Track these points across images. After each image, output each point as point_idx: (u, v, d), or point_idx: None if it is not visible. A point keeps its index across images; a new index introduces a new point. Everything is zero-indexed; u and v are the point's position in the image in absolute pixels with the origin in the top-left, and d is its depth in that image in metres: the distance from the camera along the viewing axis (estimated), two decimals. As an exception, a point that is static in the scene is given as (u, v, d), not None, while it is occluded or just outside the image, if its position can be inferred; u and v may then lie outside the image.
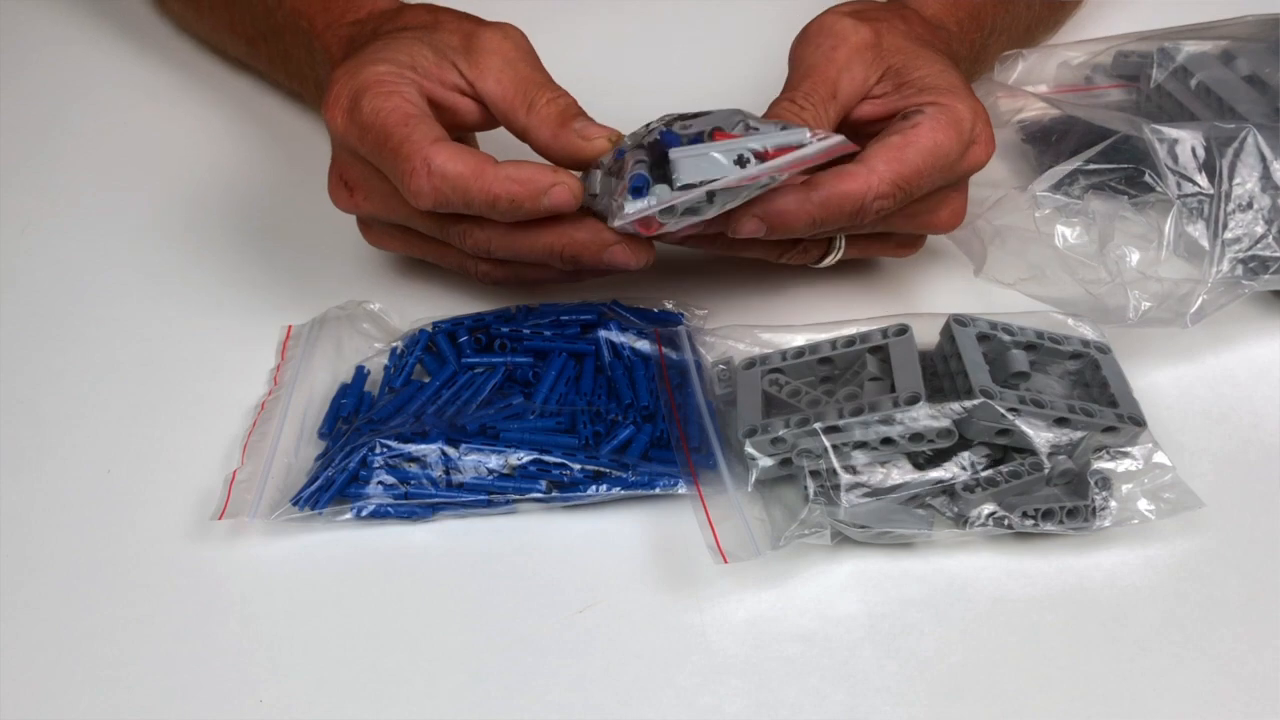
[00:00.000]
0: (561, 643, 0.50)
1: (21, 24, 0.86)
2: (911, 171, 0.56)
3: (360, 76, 0.57)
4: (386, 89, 0.56)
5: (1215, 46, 0.70)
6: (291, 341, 0.62)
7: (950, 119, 0.57)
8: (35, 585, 0.53)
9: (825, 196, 0.55)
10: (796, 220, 0.55)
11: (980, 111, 0.58)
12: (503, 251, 0.57)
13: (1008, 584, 0.52)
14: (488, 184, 0.54)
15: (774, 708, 0.48)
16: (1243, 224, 0.61)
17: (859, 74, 0.59)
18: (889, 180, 0.55)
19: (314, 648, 0.50)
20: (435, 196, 0.54)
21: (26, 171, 0.75)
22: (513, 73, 0.58)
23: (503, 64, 0.58)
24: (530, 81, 0.58)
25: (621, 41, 0.83)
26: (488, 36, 0.59)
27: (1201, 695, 0.48)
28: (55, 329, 0.64)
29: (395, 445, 0.54)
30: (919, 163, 0.56)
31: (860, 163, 0.55)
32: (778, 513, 0.54)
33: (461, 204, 0.54)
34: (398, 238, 0.61)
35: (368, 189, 0.58)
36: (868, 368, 0.56)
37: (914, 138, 0.56)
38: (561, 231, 0.55)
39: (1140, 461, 0.54)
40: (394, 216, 0.59)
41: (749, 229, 0.55)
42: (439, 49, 0.58)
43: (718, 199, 0.53)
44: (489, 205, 0.54)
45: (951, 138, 0.56)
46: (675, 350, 0.59)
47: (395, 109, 0.55)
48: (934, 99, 0.57)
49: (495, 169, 0.54)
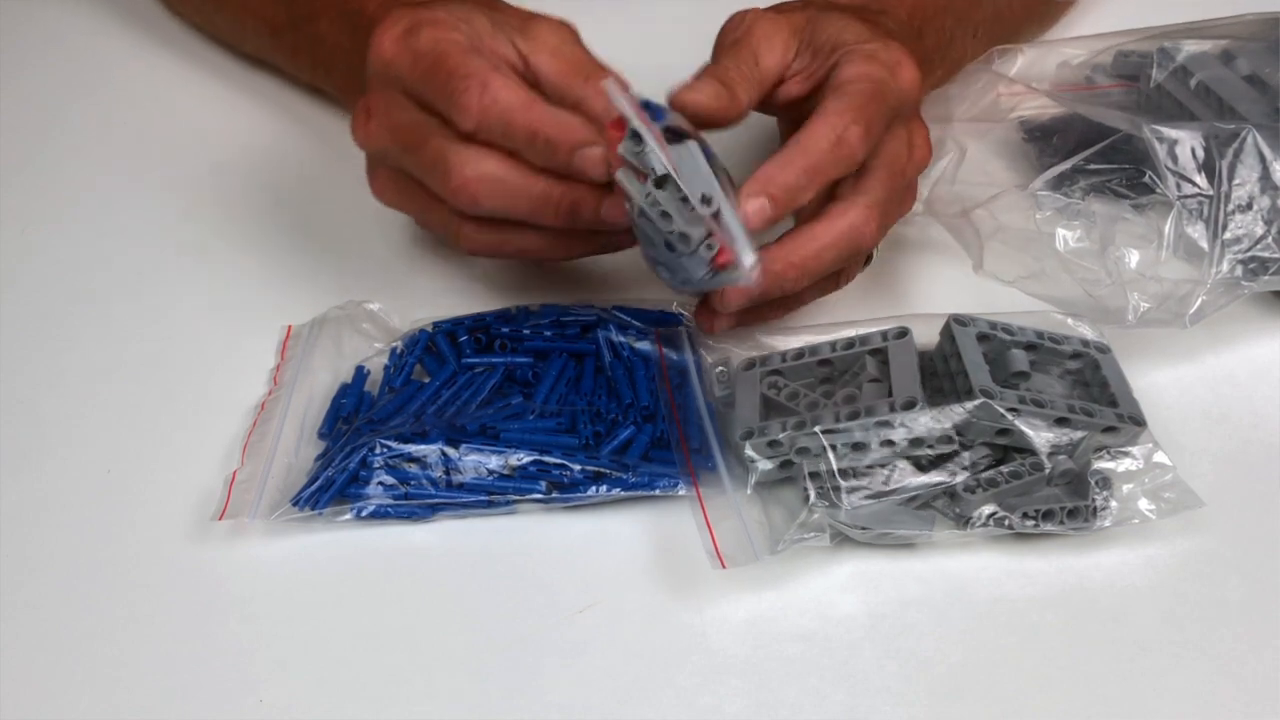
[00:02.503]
0: (561, 643, 0.50)
1: (21, 23, 0.86)
2: (860, 99, 0.56)
3: (421, 13, 0.57)
4: (449, 27, 0.57)
5: (1215, 46, 0.70)
6: (291, 341, 0.62)
7: (862, 55, 0.57)
8: (35, 585, 0.53)
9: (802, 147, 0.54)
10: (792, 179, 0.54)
11: (891, 44, 0.58)
12: (493, 198, 0.55)
13: (1008, 584, 0.52)
14: (534, 116, 0.54)
15: (774, 708, 0.48)
16: (1242, 225, 0.61)
17: (777, 46, 0.59)
18: (847, 112, 0.55)
19: (314, 648, 0.50)
20: (481, 116, 0.54)
21: (27, 171, 0.75)
22: (569, 50, 0.59)
23: (559, 41, 0.59)
24: (587, 60, 0.59)
25: (622, 41, 0.83)
26: (543, 21, 0.60)
27: (1201, 695, 0.48)
28: (55, 329, 0.64)
29: (395, 445, 0.54)
30: (860, 90, 0.56)
31: (813, 115, 0.55)
32: (777, 515, 0.53)
33: (501, 131, 0.54)
34: (396, 185, 0.60)
35: (384, 117, 0.58)
36: (867, 369, 0.56)
37: (840, 79, 0.57)
38: (559, 179, 0.55)
39: (1140, 461, 0.54)
40: (397, 146, 0.58)
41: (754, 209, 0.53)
42: (497, 23, 0.59)
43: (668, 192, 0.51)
44: (528, 139, 0.54)
45: (873, 67, 0.57)
46: (675, 351, 0.59)
47: (456, 42, 0.56)
48: (843, 51, 0.58)
49: (544, 107, 0.54)
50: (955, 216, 0.65)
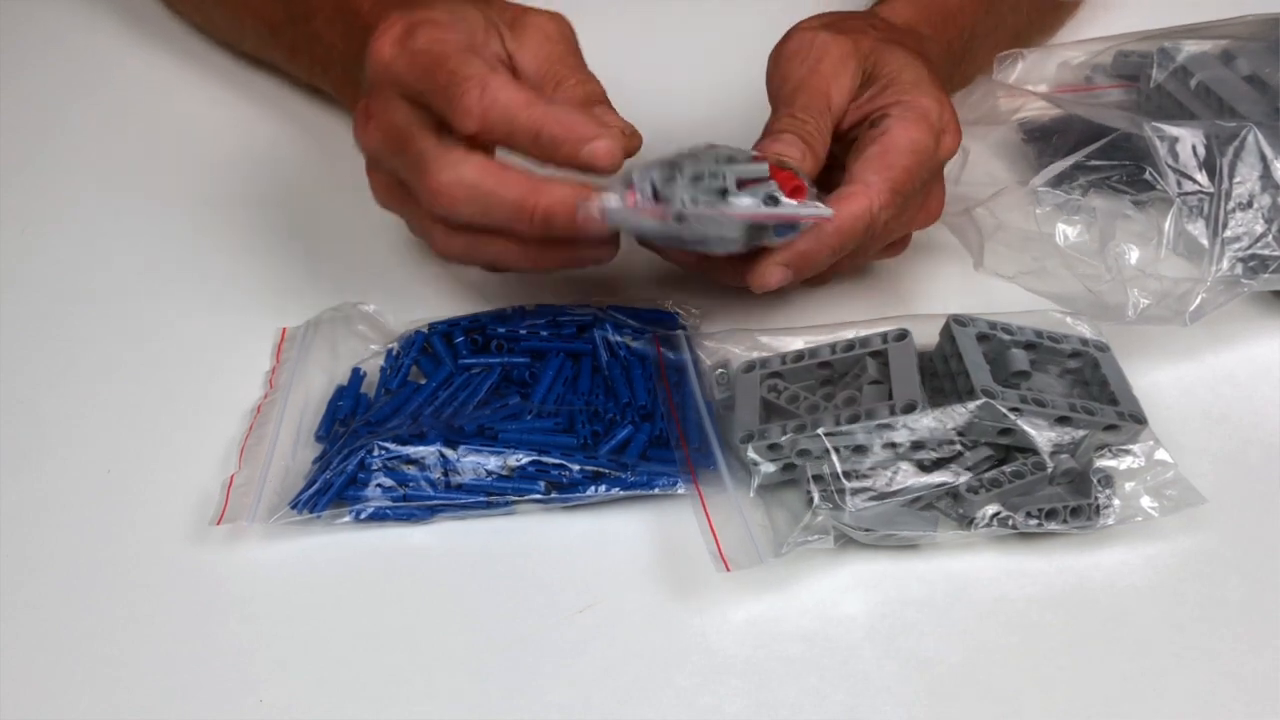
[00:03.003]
0: (561, 643, 0.50)
1: (21, 24, 0.86)
2: (902, 174, 0.57)
3: (418, 14, 0.57)
4: (445, 26, 0.57)
5: (1215, 46, 0.70)
6: (286, 344, 0.62)
7: (917, 114, 0.58)
8: (35, 585, 0.53)
9: (837, 226, 0.56)
10: (819, 257, 0.56)
11: (945, 101, 0.59)
12: (468, 205, 0.55)
13: (1008, 584, 0.52)
14: (537, 115, 0.54)
15: (774, 708, 0.48)
16: (1243, 222, 0.61)
17: (846, 84, 0.59)
18: (886, 190, 0.56)
19: (314, 649, 0.50)
20: (483, 117, 0.54)
21: (27, 171, 0.75)
22: (549, 50, 0.59)
23: (542, 40, 0.59)
24: (564, 62, 0.59)
25: (625, 42, 0.83)
26: (534, 16, 0.60)
27: (1201, 695, 0.48)
28: (55, 329, 0.64)
29: (393, 447, 0.54)
30: (906, 163, 0.57)
31: (854, 182, 0.56)
32: (780, 517, 0.53)
33: (504, 131, 0.54)
34: (389, 188, 0.60)
35: (382, 118, 0.57)
36: (868, 371, 0.56)
37: (890, 142, 0.57)
38: (536, 187, 0.55)
39: (1142, 459, 0.54)
40: (388, 148, 0.57)
41: (777, 279, 0.56)
42: (489, 18, 0.59)
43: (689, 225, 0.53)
44: (532, 137, 0.54)
45: (924, 131, 0.58)
46: (673, 350, 0.59)
47: (454, 42, 0.56)
48: (897, 98, 0.58)
49: (546, 105, 0.54)
50: (957, 215, 0.65)
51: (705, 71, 0.79)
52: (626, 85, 0.61)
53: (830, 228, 0.56)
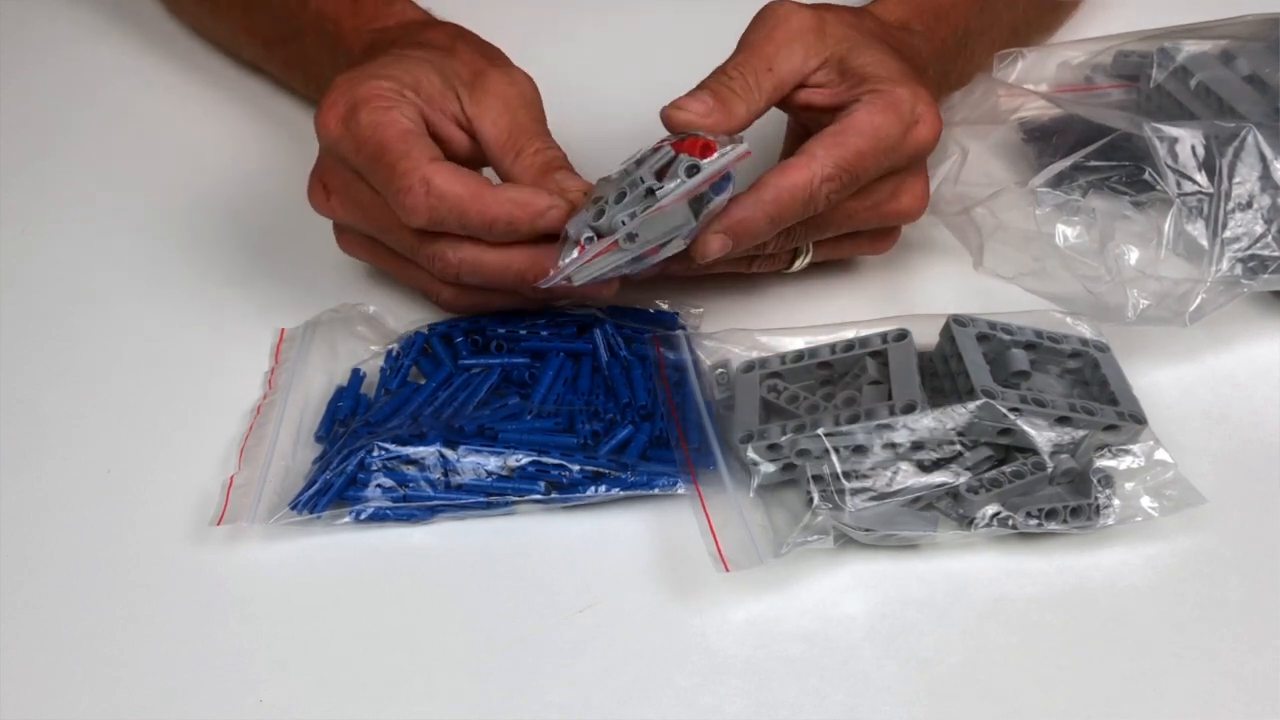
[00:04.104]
0: (561, 643, 0.50)
1: (22, 23, 0.86)
2: (852, 154, 0.56)
3: (361, 88, 0.57)
4: (385, 104, 0.57)
5: (1215, 46, 0.70)
6: (285, 345, 0.62)
7: (887, 101, 0.58)
8: (35, 585, 0.53)
9: (775, 194, 0.56)
10: (756, 224, 0.56)
11: (921, 94, 0.59)
12: (473, 276, 0.57)
13: (1008, 584, 0.52)
14: (485, 205, 0.54)
15: (774, 708, 0.48)
16: (1242, 223, 0.61)
17: (798, 53, 0.59)
18: (831, 164, 0.56)
19: (314, 649, 0.50)
20: (430, 215, 0.54)
21: (27, 172, 0.75)
22: (510, 118, 0.59)
23: (502, 108, 0.59)
24: (524, 130, 0.58)
25: (625, 43, 0.83)
26: (495, 78, 0.59)
27: (1201, 695, 0.48)
28: (55, 329, 0.64)
29: (393, 448, 0.54)
30: (859, 144, 0.57)
31: (801, 154, 0.56)
32: (779, 517, 0.53)
33: (457, 224, 0.55)
34: (368, 248, 0.61)
35: (345, 196, 0.59)
36: (868, 371, 0.56)
37: (850, 123, 0.57)
38: (534, 256, 0.56)
39: (1142, 459, 0.54)
40: (367, 227, 0.59)
41: (715, 248, 0.56)
42: (446, 77, 0.59)
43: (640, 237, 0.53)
44: (485, 227, 0.55)
45: (890, 119, 0.57)
46: (673, 351, 0.59)
47: (393, 124, 0.56)
48: (872, 87, 0.58)
49: (493, 191, 0.55)
50: (957, 215, 0.65)
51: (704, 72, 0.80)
52: (625, 86, 0.61)
53: (768, 195, 0.55)
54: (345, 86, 0.57)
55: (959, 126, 0.68)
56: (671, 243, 0.54)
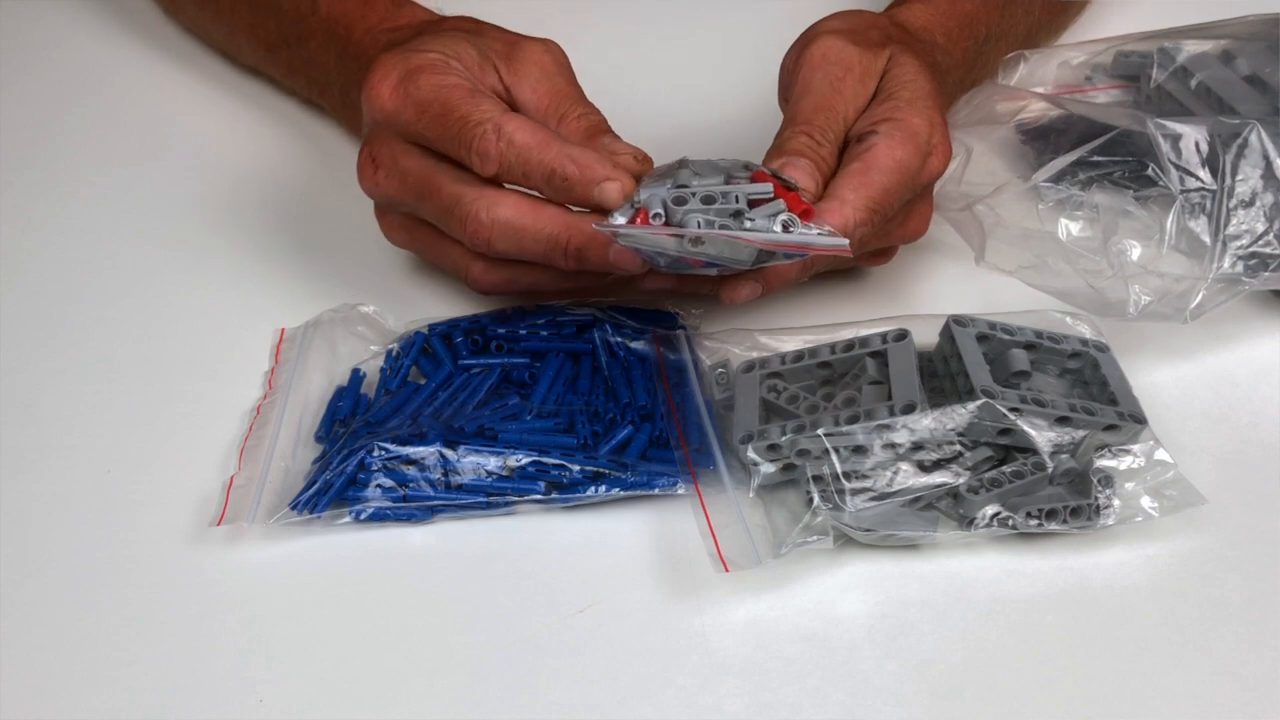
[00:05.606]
0: (561, 643, 0.50)
1: (24, 23, 0.86)
2: (880, 193, 0.56)
3: (412, 59, 0.57)
4: (443, 69, 0.57)
5: (1215, 46, 0.70)
6: (285, 345, 0.62)
7: (905, 133, 0.57)
8: (35, 585, 0.53)
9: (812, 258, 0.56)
10: (790, 273, 0.57)
11: (937, 122, 0.58)
12: (505, 241, 0.56)
13: (1008, 584, 0.52)
14: (551, 156, 0.54)
15: (774, 708, 0.48)
16: (1244, 221, 0.61)
17: (862, 103, 0.59)
18: (863, 208, 0.55)
19: (314, 649, 0.50)
20: (501, 161, 0.55)
21: (28, 171, 0.75)
22: (549, 85, 0.59)
23: (541, 74, 0.59)
24: (565, 95, 0.59)
25: (634, 46, 0.83)
26: (530, 47, 0.60)
27: (1201, 695, 0.48)
28: (55, 329, 0.64)
29: (393, 448, 0.54)
30: (886, 183, 0.56)
31: (831, 199, 0.55)
32: (779, 517, 0.53)
33: (521, 173, 0.55)
34: (408, 229, 0.61)
35: (391, 168, 0.58)
36: (868, 371, 0.56)
37: (873, 160, 0.56)
38: (569, 221, 0.55)
39: (1142, 459, 0.54)
40: (407, 196, 0.58)
41: (744, 294, 0.56)
42: (483, 50, 0.59)
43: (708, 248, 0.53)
44: (546, 178, 0.55)
45: (910, 152, 0.57)
46: (673, 350, 0.59)
47: (457, 85, 0.56)
48: (889, 114, 0.58)
49: (560, 144, 0.55)
50: (959, 210, 0.65)
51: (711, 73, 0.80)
52: (632, 87, 0.61)
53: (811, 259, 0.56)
54: (395, 59, 0.58)
55: (959, 128, 0.68)
56: (717, 266, 0.54)
